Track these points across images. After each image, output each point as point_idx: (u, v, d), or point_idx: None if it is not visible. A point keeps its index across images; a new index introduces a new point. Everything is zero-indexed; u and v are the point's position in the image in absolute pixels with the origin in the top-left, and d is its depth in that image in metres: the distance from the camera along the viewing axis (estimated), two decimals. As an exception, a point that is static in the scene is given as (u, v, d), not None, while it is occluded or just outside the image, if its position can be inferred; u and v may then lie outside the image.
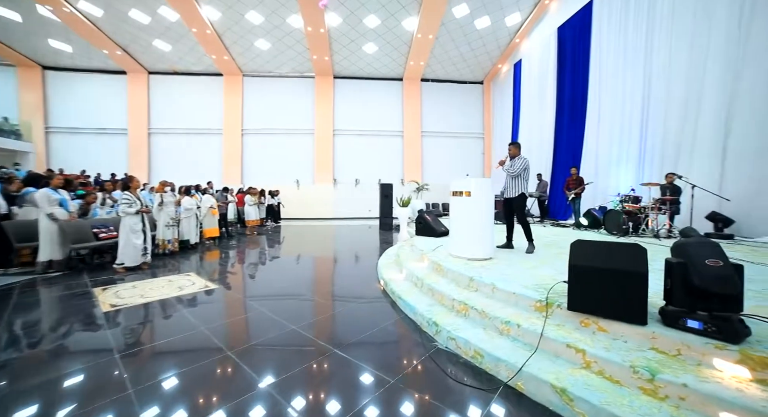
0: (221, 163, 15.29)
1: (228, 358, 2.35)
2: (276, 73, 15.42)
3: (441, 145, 16.46)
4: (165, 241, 6.01)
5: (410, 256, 4.73)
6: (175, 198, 6.39)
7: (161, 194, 5.94)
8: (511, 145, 4.47)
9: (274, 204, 13.17)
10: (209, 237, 7.63)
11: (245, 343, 2.60)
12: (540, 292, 2.55)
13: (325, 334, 2.77)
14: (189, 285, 4.13)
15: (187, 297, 3.73)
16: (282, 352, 2.46)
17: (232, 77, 15.25)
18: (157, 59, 14.20)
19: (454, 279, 3.31)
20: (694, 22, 6.58)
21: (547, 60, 11.24)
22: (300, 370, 2.20)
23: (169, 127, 15.19)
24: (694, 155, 6.41)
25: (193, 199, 7.16)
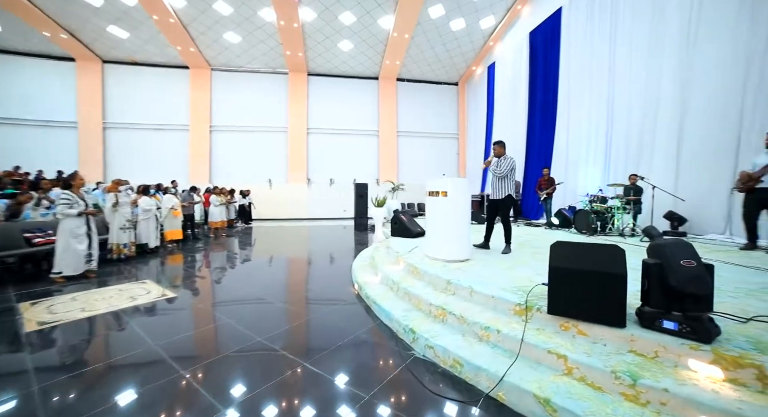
0: (187, 161, 14.41)
1: (180, 379, 2.09)
2: (247, 68, 14.77)
3: (416, 145, 16.50)
4: (120, 245, 5.46)
5: (385, 258, 4.59)
6: (131, 198, 5.84)
7: (115, 194, 5.38)
8: (496, 145, 4.39)
9: (245, 204, 12.60)
10: (172, 240, 7.09)
11: (204, 360, 2.34)
12: (519, 294, 2.48)
13: (294, 346, 2.56)
14: (143, 294, 3.73)
15: (139, 308, 3.36)
16: (245, 369, 2.23)
17: (199, 70, 14.43)
18: (112, 47, 13.07)
19: (431, 282, 3.20)
20: (650, 31, 6.94)
21: (519, 63, 11.52)
22: (264, 389, 1.98)
23: (128, 121, 14.08)
24: (654, 157, 6.75)
25: (153, 199, 6.61)
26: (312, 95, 15.45)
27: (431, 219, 3.98)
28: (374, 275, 4.20)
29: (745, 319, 2.01)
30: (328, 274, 5.06)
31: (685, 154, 6.24)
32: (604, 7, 8.06)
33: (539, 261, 3.74)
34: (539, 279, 2.91)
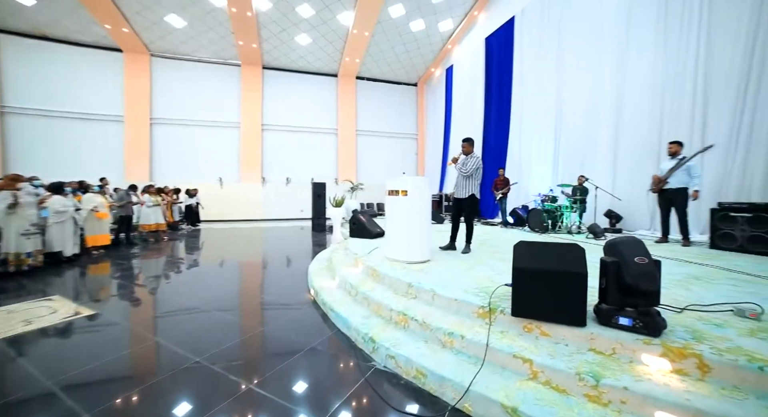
0: (122, 156, 12.82)
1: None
2: (194, 56, 13.57)
3: (376, 145, 16.40)
4: (21, 255, 4.55)
5: (344, 261, 4.35)
6: (36, 197, 4.90)
7: (14, 193, 4.46)
8: (465, 142, 4.30)
9: (192, 204, 11.52)
10: (96, 246, 6.16)
11: (118, 394, 1.93)
12: (481, 296, 2.40)
13: (240, 365, 2.23)
14: (45, 315, 3.05)
15: (36, 333, 2.73)
16: (174, 400, 1.87)
17: (135, 55, 12.91)
18: (10, 14, 10.76)
19: (392, 285, 3.04)
20: (590, 43, 7.50)
21: (476, 67, 11.91)
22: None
23: (40, 108, 11.93)
24: (596, 159, 7.29)
25: (71, 198, 5.68)
26: (267, 90, 14.65)
27: (391, 219, 3.83)
28: (332, 279, 3.95)
29: (679, 309, 2.11)
30: (282, 279, 4.69)
31: (621, 157, 6.81)
32: (552, 19, 8.57)
33: (498, 260, 3.76)
34: (499, 279, 2.88)
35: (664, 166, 4.97)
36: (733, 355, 1.54)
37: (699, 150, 4.71)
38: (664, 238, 5.04)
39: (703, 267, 3.45)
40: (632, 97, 6.60)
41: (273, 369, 2.17)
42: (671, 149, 4.90)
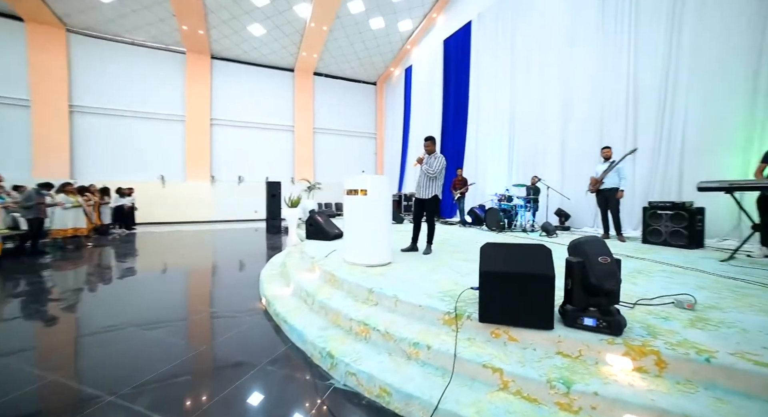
0: (30, 149, 10.87)
1: None
2: (127, 38, 12.07)
3: (334, 143, 16.01)
4: None
5: (299, 265, 4.03)
6: None
7: None
8: (429, 141, 4.19)
9: (124, 206, 10.21)
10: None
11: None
12: (446, 301, 2.28)
13: (170, 399, 1.86)
14: None
15: None
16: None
17: (46, 29, 10.82)
18: None
19: (351, 292, 2.82)
20: (540, 50, 7.92)
21: (434, 68, 12.07)
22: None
23: None
24: (546, 160, 7.71)
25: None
26: (217, 81, 13.56)
27: (350, 220, 3.61)
28: (286, 286, 3.61)
29: (632, 305, 2.17)
30: (230, 287, 4.22)
31: (568, 159, 7.26)
32: (506, 26, 8.93)
33: (460, 261, 3.71)
34: (463, 281, 2.80)
35: (599, 169, 5.43)
36: (684, 349, 1.59)
37: (625, 154, 5.15)
38: (606, 234, 5.43)
39: (641, 261, 3.70)
40: (577, 103, 7.07)
41: (212, 399, 1.83)
42: (604, 153, 5.39)
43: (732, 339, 1.73)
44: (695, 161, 5.26)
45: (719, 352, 1.56)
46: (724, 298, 2.41)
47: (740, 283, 2.84)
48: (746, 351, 1.58)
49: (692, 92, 5.32)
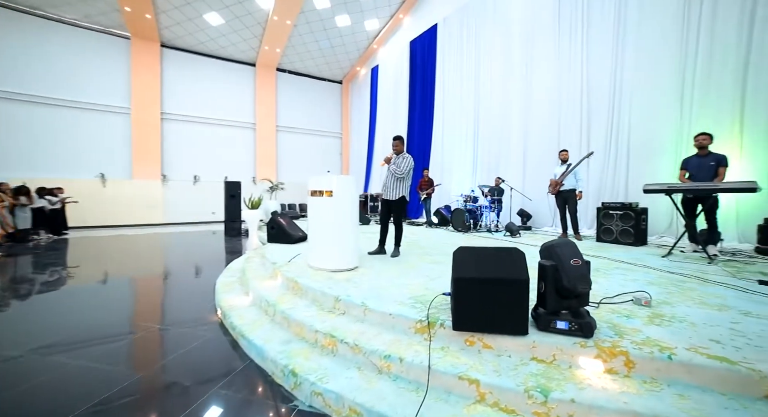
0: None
1: None
2: (55, 15, 10.61)
3: (298, 142, 15.48)
4: None
5: (260, 272, 3.75)
6: None
7: None
8: (397, 141, 4.10)
9: (45, 207, 8.82)
10: None
11: None
12: (418, 307, 2.18)
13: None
14: None
15: None
16: None
17: None
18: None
19: (316, 300, 2.63)
20: (502, 55, 8.21)
21: (400, 69, 12.11)
22: None
23: None
24: (509, 162, 7.99)
25: None
26: (168, 72, 12.49)
27: (314, 222, 3.41)
28: (245, 295, 3.32)
29: (597, 304, 2.22)
30: (182, 298, 3.81)
31: (529, 161, 7.58)
32: (470, 31, 9.15)
33: (429, 263, 3.66)
34: (434, 285, 2.73)
35: (558, 171, 5.69)
36: (648, 347, 1.63)
37: (582, 157, 5.45)
38: (564, 234, 5.71)
39: (598, 259, 3.89)
40: (537, 107, 7.40)
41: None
42: (562, 156, 5.66)
43: (685, 334, 1.81)
44: (638, 164, 5.72)
45: (677, 348, 1.62)
46: (672, 293, 2.57)
47: (680, 278, 3.07)
48: (699, 345, 1.66)
49: (635, 100, 5.78)
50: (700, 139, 4.19)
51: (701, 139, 4.17)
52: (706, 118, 4.98)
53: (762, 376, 1.44)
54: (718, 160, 4.03)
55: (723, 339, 1.75)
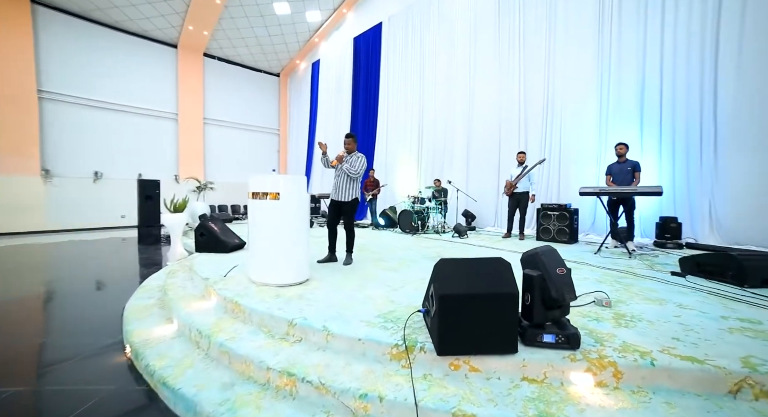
0: None
1: None
2: None
3: (230, 137, 14.01)
4: None
5: (187, 290, 3.08)
6: None
7: None
8: (350, 138, 3.76)
9: None
10: None
11: None
12: (390, 328, 1.90)
13: None
14: None
15: None
16: None
17: None
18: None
19: (264, 325, 2.17)
20: (447, 59, 8.41)
21: (344, 65, 11.71)
22: None
23: None
24: (453, 164, 8.20)
25: None
26: (50, 41, 10.01)
27: (257, 229, 2.90)
28: (166, 323, 2.66)
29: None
30: (71, 333, 2.90)
31: (472, 162, 7.87)
32: (415, 33, 9.21)
33: (387, 271, 3.41)
34: (398, 297, 2.48)
35: (514, 172, 5.89)
36: (630, 354, 1.61)
37: (536, 162, 5.75)
38: (508, 233, 5.98)
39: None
40: (479, 111, 7.72)
41: None
42: (519, 158, 5.89)
43: (651, 334, 1.85)
44: (567, 168, 6.29)
45: (653, 352, 1.63)
46: (619, 291, 2.72)
47: (618, 274, 3.33)
48: (667, 346, 1.70)
49: (565, 108, 6.34)
50: (617, 149, 4.73)
51: (619, 148, 4.71)
52: (619, 128, 5.67)
53: (727, 373, 1.50)
54: (633, 166, 4.58)
55: (681, 336, 1.83)
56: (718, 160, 4.90)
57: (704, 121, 4.99)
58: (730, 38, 4.76)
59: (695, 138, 5.06)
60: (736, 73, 4.74)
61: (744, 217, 4.71)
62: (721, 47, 4.85)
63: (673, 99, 5.26)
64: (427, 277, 3.18)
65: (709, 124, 4.95)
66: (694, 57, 5.08)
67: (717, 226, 4.92)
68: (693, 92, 5.08)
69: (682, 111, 5.18)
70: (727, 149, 4.82)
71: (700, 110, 5.02)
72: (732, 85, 4.77)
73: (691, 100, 5.10)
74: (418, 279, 3.06)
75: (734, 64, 4.74)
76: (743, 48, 4.68)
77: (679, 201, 5.13)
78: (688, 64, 5.13)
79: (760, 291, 2.73)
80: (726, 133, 4.81)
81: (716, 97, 4.89)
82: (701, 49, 5.01)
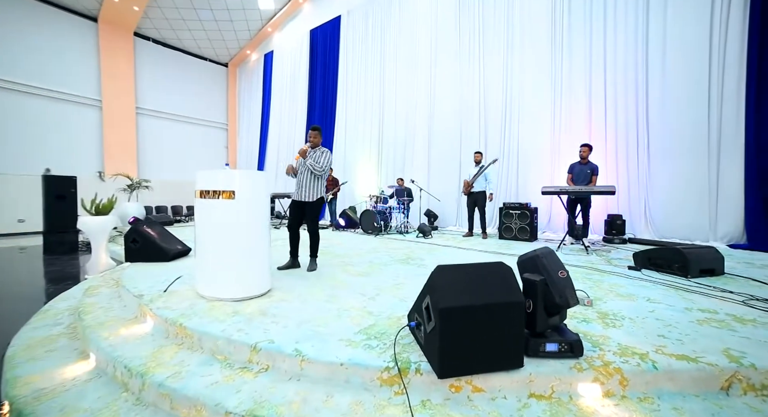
0: None
1: None
2: None
3: (170, 131, 12.54)
4: None
5: (112, 312, 2.49)
6: None
7: None
8: (315, 131, 3.42)
9: None
10: None
11: None
12: (375, 346, 1.64)
13: None
14: None
15: None
16: None
17: None
18: None
19: (220, 353, 1.77)
20: (408, 55, 8.32)
21: (299, 59, 11.11)
22: None
23: None
24: (415, 163, 8.14)
25: None
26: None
27: (207, 233, 2.45)
28: (79, 360, 2.06)
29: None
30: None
31: (434, 162, 7.88)
32: (375, 26, 9.00)
33: (357, 277, 3.12)
34: (376, 308, 2.23)
35: (471, 172, 5.95)
36: (630, 358, 1.55)
37: (490, 162, 5.87)
38: (470, 233, 6.03)
39: (514, 257, 4.10)
40: (440, 110, 7.75)
41: None
42: (475, 158, 5.95)
43: (638, 333, 1.83)
44: (525, 168, 6.55)
45: (650, 353, 1.59)
46: (593, 288, 2.75)
47: (585, 270, 3.42)
48: (658, 344, 1.68)
49: (523, 109, 6.59)
50: (582, 150, 4.98)
51: (583, 150, 4.96)
52: (571, 132, 6.03)
53: (720, 370, 1.49)
54: (592, 169, 4.85)
55: (665, 333, 1.83)
56: (651, 165, 5.45)
57: (639, 129, 5.53)
58: (657, 56, 5.34)
59: (633, 144, 5.57)
60: (661, 87, 5.32)
61: (671, 215, 5.29)
62: (650, 64, 5.40)
63: (615, 107, 5.73)
64: (402, 282, 2.98)
65: (644, 132, 5.50)
66: (630, 70, 5.60)
67: (651, 222, 5.45)
68: (630, 102, 5.60)
69: (622, 119, 5.67)
70: (657, 155, 5.39)
71: (636, 119, 5.55)
72: (658, 100, 5.36)
73: (629, 109, 5.61)
74: (393, 285, 2.83)
75: (660, 78, 5.31)
76: (666, 67, 5.30)
77: (621, 200, 5.59)
78: (626, 75, 5.63)
79: (700, 280, 2.98)
80: (656, 141, 5.39)
81: (648, 108, 5.45)
82: (635, 64, 5.55)
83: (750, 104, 4.70)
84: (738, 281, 2.98)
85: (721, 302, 2.39)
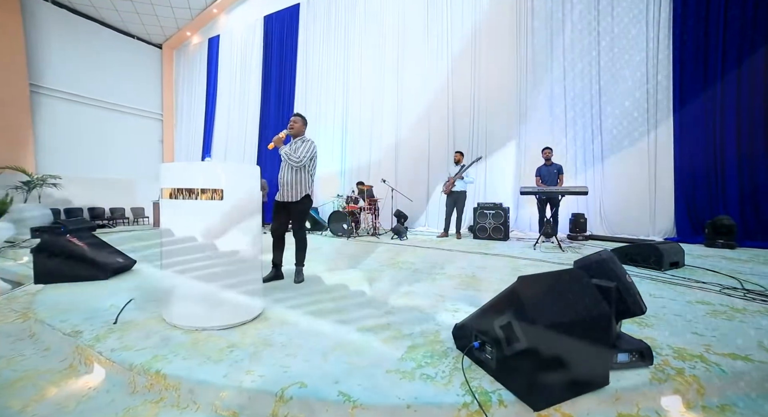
0: None
1: None
2: None
3: (86, 117, 10.39)
4: None
5: (22, 364, 1.80)
6: None
7: None
8: (297, 117, 2.96)
9: None
10: None
11: None
12: (433, 375, 1.36)
13: None
14: None
15: None
16: None
17: None
18: None
19: (225, 408, 1.31)
20: (372, 46, 8.07)
21: (252, 47, 10.15)
22: None
23: None
24: (382, 162, 7.92)
25: None
26: None
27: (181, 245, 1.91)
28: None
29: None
30: None
31: (401, 163, 7.74)
32: (339, 18, 8.57)
33: (355, 286, 2.78)
34: (402, 324, 1.96)
35: (452, 171, 5.89)
36: (691, 361, 1.49)
37: (472, 161, 5.88)
38: (445, 233, 5.99)
39: (497, 257, 4.10)
40: (408, 108, 7.64)
41: None
42: (455, 158, 5.92)
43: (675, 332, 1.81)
44: (493, 168, 6.74)
45: (703, 354, 1.56)
46: (591, 286, 2.80)
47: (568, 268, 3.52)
48: (703, 344, 1.66)
49: (489, 109, 6.77)
50: (544, 152, 5.22)
51: (545, 152, 5.20)
52: (534, 134, 6.36)
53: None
54: (558, 169, 5.12)
55: (695, 329, 1.84)
56: (605, 167, 5.98)
57: (594, 133, 6.03)
58: (608, 62, 5.89)
59: (590, 147, 6.05)
60: (613, 91, 5.83)
61: (621, 212, 5.87)
62: (602, 68, 5.93)
63: (573, 112, 6.18)
64: (408, 290, 2.68)
65: (597, 136, 6.00)
66: (585, 76, 6.08)
67: (605, 219, 5.97)
68: (586, 108, 6.08)
69: (580, 123, 6.13)
70: (609, 158, 5.93)
71: (591, 124, 6.04)
72: (609, 105, 5.89)
73: (585, 115, 6.08)
74: (400, 294, 2.57)
75: (612, 80, 5.84)
76: (617, 75, 5.85)
77: (580, 200, 6.03)
78: (582, 80, 6.10)
79: (671, 272, 3.25)
80: (608, 145, 5.92)
81: (601, 113, 5.96)
82: (589, 70, 6.03)
83: (675, 113, 5.38)
84: (698, 272, 3.30)
85: (705, 293, 2.57)
